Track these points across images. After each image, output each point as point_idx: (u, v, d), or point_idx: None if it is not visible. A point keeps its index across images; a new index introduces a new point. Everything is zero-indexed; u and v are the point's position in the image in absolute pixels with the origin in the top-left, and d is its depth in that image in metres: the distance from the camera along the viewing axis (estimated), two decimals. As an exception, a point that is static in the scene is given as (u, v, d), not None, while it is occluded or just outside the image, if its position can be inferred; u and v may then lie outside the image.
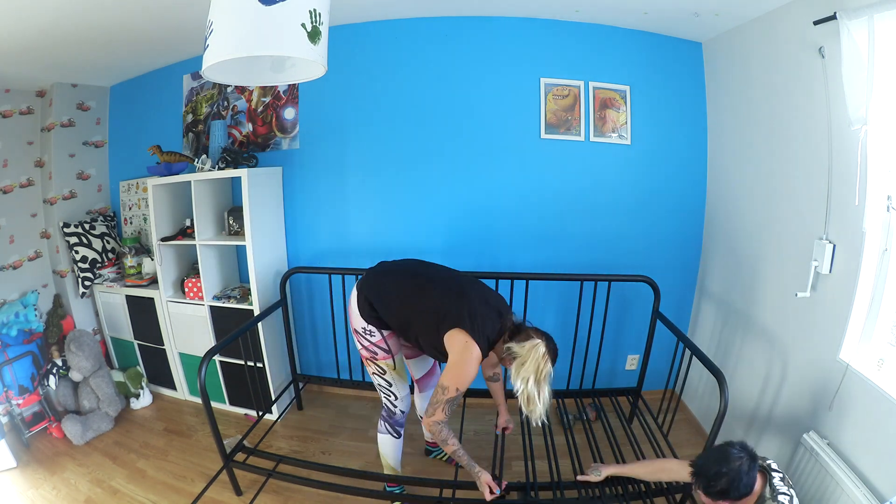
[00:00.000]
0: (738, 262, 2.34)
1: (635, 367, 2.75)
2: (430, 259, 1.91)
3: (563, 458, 2.05)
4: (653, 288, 2.34)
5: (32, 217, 2.87)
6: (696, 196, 2.63)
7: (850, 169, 1.55)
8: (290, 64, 1.31)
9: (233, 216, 2.61)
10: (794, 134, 1.92)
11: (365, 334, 1.73)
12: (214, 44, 1.08)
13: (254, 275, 2.47)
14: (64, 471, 2.22)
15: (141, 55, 2.68)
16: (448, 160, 2.60)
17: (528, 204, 2.61)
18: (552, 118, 2.53)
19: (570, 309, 2.52)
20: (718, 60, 2.43)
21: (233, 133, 2.81)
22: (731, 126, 2.39)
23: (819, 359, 1.74)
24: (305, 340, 2.91)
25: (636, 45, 2.48)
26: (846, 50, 1.45)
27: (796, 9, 1.81)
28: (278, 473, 1.97)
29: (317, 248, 2.79)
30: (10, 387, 2.45)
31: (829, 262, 1.68)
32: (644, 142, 2.56)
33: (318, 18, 1.11)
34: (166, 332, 2.78)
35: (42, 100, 2.88)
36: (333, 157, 2.67)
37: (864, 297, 1.60)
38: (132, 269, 2.84)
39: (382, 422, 1.90)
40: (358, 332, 1.74)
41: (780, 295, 2.00)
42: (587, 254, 2.64)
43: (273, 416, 2.55)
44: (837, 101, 1.58)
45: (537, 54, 2.49)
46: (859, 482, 1.46)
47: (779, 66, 1.98)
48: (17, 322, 2.58)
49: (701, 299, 2.70)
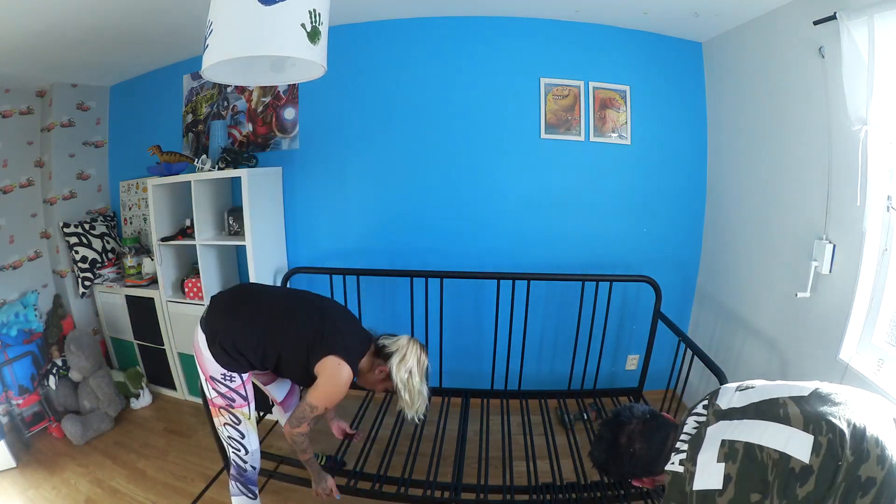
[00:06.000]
0: (739, 262, 2.34)
1: (636, 367, 2.75)
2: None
3: (564, 459, 2.05)
4: (654, 288, 2.34)
5: (32, 217, 2.87)
6: (696, 196, 2.63)
7: (851, 169, 1.55)
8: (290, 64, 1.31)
9: (233, 216, 2.61)
10: (793, 134, 1.92)
11: (224, 380, 1.54)
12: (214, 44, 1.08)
13: (254, 275, 2.47)
14: (64, 471, 2.22)
15: (141, 55, 2.68)
16: (448, 160, 2.59)
17: (528, 204, 2.61)
18: (552, 118, 2.53)
19: (570, 309, 2.51)
20: (718, 60, 2.43)
21: (233, 133, 2.80)
22: (731, 126, 2.39)
23: (819, 359, 1.74)
24: (305, 340, 2.91)
25: (636, 45, 2.48)
26: (846, 50, 1.45)
27: (796, 9, 1.81)
28: (279, 474, 1.97)
29: (317, 248, 2.79)
30: (10, 387, 2.45)
31: (829, 263, 1.68)
32: (644, 142, 2.56)
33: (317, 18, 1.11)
34: (166, 333, 2.77)
35: (42, 100, 2.88)
36: (333, 158, 2.67)
37: (864, 298, 1.60)
38: (132, 269, 2.84)
39: (234, 483, 1.71)
40: (215, 378, 1.54)
41: (780, 295, 2.00)
42: (587, 253, 2.64)
43: (274, 417, 2.55)
44: (837, 101, 1.58)
45: (537, 54, 2.49)
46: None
47: (779, 66, 1.98)
48: (17, 322, 2.58)
49: (701, 299, 2.70)
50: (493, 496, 1.84)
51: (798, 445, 0.87)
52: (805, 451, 0.86)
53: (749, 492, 0.88)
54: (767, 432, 0.92)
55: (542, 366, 2.72)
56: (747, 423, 0.97)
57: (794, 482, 0.85)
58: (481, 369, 2.71)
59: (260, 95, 2.74)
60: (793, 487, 0.84)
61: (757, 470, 0.89)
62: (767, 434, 0.91)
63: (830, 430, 0.87)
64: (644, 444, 1.12)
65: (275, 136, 2.74)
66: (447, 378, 2.61)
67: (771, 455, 0.88)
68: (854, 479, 0.82)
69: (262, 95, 2.74)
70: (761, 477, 0.89)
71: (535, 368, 2.67)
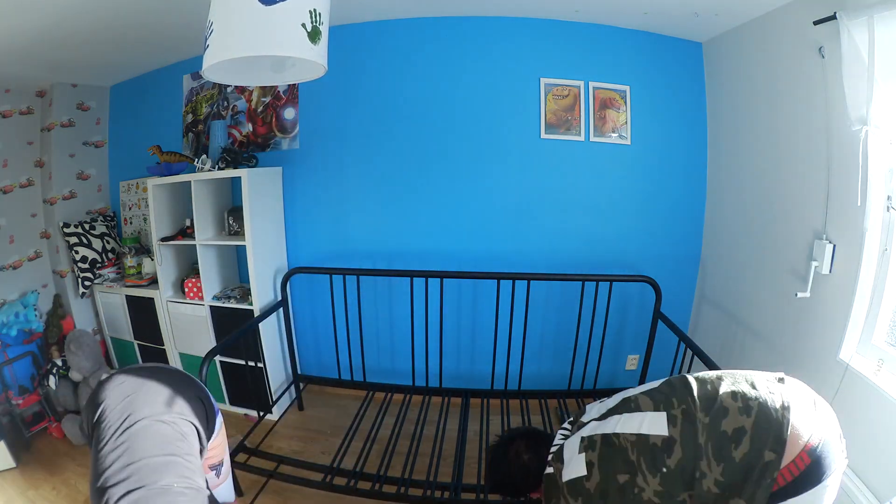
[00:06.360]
0: (738, 261, 2.34)
1: (636, 368, 2.75)
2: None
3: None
4: (654, 288, 2.34)
5: (32, 217, 2.87)
6: (696, 196, 2.63)
7: (850, 169, 1.55)
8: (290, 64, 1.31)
9: (233, 216, 2.61)
10: (793, 134, 1.92)
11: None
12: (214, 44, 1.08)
13: (254, 275, 2.47)
14: (64, 471, 2.22)
15: (141, 55, 2.68)
16: (447, 160, 2.59)
17: (527, 204, 2.61)
18: (552, 118, 2.53)
19: (570, 309, 2.52)
20: (718, 60, 2.43)
21: (233, 133, 2.80)
22: (731, 126, 2.39)
23: (819, 359, 1.74)
24: (306, 341, 2.91)
25: (636, 45, 2.48)
26: (846, 50, 1.45)
27: (796, 9, 1.81)
28: (279, 474, 1.97)
29: (317, 247, 2.79)
30: (10, 387, 2.45)
31: (829, 262, 1.68)
32: (644, 142, 2.56)
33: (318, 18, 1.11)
34: (166, 333, 2.77)
35: (42, 100, 2.88)
36: (333, 157, 2.67)
37: (864, 298, 1.60)
38: (132, 269, 2.84)
39: None
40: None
41: (780, 295, 2.00)
42: (587, 253, 2.64)
43: (274, 417, 2.55)
44: (837, 101, 1.58)
45: (537, 54, 2.49)
46: (859, 482, 1.46)
47: (779, 66, 1.98)
48: (17, 322, 2.58)
49: (701, 299, 2.70)
50: (493, 496, 1.84)
51: (652, 424, 0.97)
52: (661, 426, 0.95)
53: (615, 473, 0.97)
54: (621, 422, 1.03)
55: (542, 366, 2.72)
56: (603, 422, 1.07)
57: (661, 455, 0.93)
58: (481, 369, 2.71)
59: (260, 95, 2.74)
60: (661, 459, 0.93)
61: (617, 453, 0.99)
62: (621, 424, 1.02)
63: (682, 401, 0.97)
64: (532, 454, 1.22)
65: (275, 136, 2.74)
66: (447, 378, 2.61)
67: (628, 438, 0.98)
68: (720, 435, 0.90)
69: (262, 95, 2.74)
70: (623, 458, 0.97)
71: (536, 368, 2.67)
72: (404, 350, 2.73)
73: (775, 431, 0.87)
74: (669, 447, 0.93)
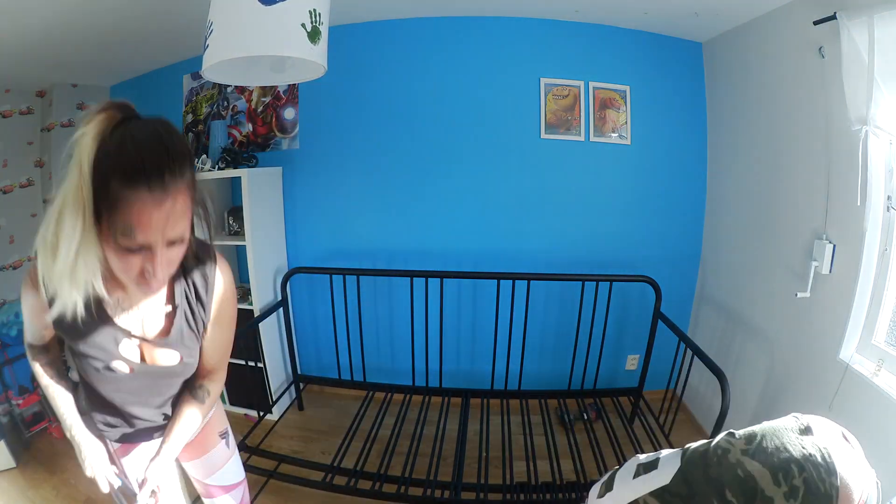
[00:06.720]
0: (738, 261, 2.34)
1: (636, 368, 2.75)
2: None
3: (564, 459, 2.06)
4: (654, 288, 2.34)
5: (32, 217, 2.87)
6: (696, 195, 2.63)
7: (850, 169, 1.55)
8: (290, 64, 1.31)
9: (233, 216, 2.60)
10: (793, 134, 1.92)
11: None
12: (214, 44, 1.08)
13: (253, 275, 2.47)
14: (64, 471, 2.22)
15: (141, 55, 2.67)
16: (447, 160, 2.59)
17: (527, 204, 2.61)
18: (552, 118, 2.53)
19: (570, 309, 2.52)
20: (718, 60, 2.43)
21: (233, 133, 2.80)
22: (731, 126, 2.39)
23: (819, 359, 1.74)
24: (307, 341, 2.91)
25: (636, 45, 2.48)
26: (846, 50, 1.45)
27: (796, 9, 1.81)
28: (279, 474, 1.97)
29: (317, 248, 2.79)
30: (10, 387, 2.45)
31: (829, 262, 1.68)
32: (644, 142, 2.56)
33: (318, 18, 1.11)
34: (166, 333, 2.77)
35: (42, 100, 2.88)
36: (333, 157, 2.67)
37: (864, 298, 1.60)
38: (132, 269, 2.83)
39: None
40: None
41: (780, 295, 2.00)
42: (587, 253, 2.64)
43: (274, 417, 2.55)
44: (837, 101, 1.58)
45: (537, 54, 2.49)
46: (859, 482, 1.45)
47: (779, 66, 1.98)
48: (17, 322, 2.58)
49: (701, 299, 2.70)
50: (493, 496, 1.84)
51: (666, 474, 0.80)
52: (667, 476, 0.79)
53: None
54: None
55: (542, 366, 2.72)
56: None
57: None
58: (481, 369, 2.71)
59: (260, 95, 2.74)
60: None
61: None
62: None
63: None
64: None
65: (275, 136, 2.74)
66: (447, 378, 2.61)
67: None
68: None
69: (262, 95, 2.74)
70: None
71: (535, 368, 2.67)
72: (404, 350, 2.73)
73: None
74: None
